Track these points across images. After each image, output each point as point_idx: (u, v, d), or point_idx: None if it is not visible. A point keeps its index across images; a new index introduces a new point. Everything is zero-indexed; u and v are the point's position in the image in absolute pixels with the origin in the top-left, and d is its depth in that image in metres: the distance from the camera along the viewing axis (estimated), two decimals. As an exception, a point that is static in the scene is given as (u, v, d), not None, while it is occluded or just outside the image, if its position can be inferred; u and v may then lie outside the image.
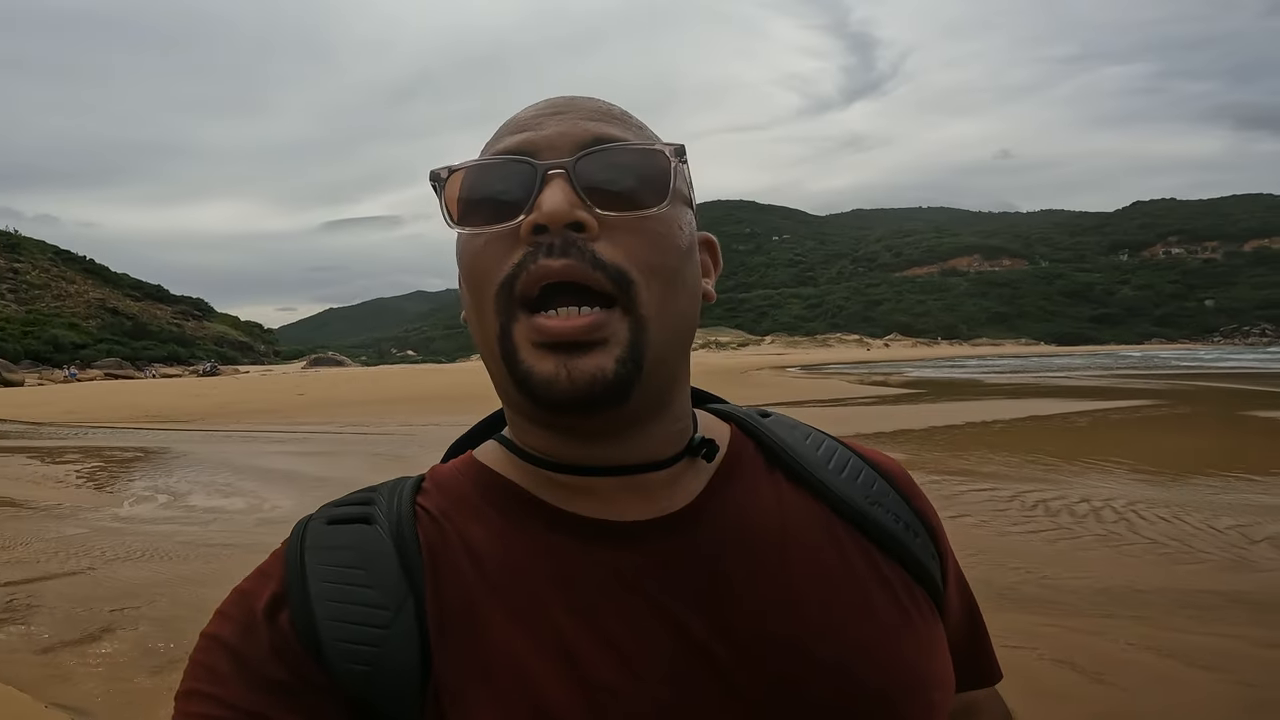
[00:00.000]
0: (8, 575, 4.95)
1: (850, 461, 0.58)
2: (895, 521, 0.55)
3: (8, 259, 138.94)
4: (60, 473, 9.71)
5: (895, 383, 27.25)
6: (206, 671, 0.45)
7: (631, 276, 0.45)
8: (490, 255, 0.47)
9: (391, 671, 0.44)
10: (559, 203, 0.44)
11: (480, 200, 0.48)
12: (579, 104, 0.51)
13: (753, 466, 0.55)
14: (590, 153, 0.47)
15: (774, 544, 0.51)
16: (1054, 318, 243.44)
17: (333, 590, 0.45)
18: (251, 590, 0.48)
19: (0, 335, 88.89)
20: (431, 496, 0.52)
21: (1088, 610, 3.92)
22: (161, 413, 19.89)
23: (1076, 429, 11.92)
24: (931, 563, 0.57)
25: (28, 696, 3.08)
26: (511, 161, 0.47)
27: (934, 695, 0.51)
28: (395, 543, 0.48)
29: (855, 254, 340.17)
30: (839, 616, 0.49)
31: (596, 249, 0.45)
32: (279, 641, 0.45)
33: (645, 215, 0.47)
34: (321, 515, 0.50)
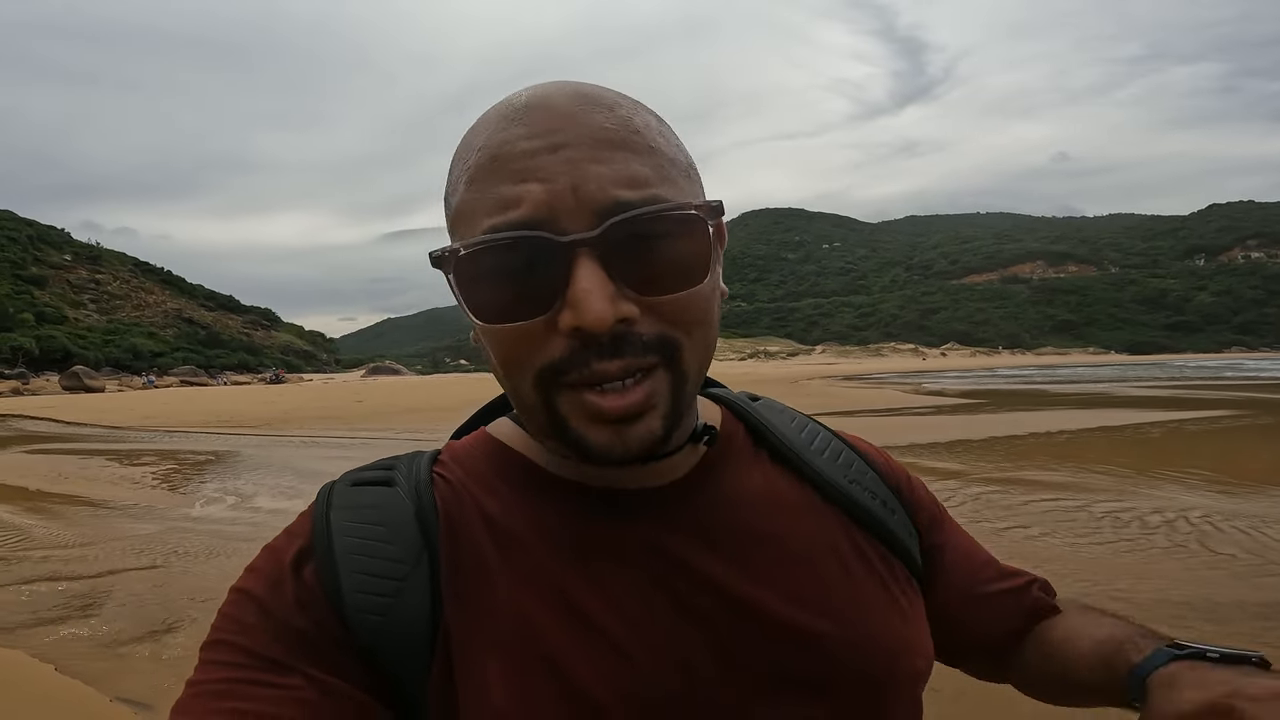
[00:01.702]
0: (83, 571, 5.22)
1: (831, 444, 0.61)
2: (873, 499, 0.58)
3: (90, 270, 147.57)
4: (137, 474, 10.21)
5: (953, 393, 26.45)
6: (233, 622, 0.46)
7: (677, 341, 0.45)
8: (525, 345, 0.44)
9: (403, 622, 0.46)
10: (600, 306, 0.41)
11: (498, 285, 0.44)
12: (578, 123, 0.44)
13: (742, 447, 0.58)
14: (617, 222, 0.42)
15: (758, 517, 0.54)
16: (1125, 326, 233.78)
17: (355, 544, 0.48)
18: (280, 547, 0.50)
19: (83, 344, 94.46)
20: (448, 467, 0.55)
21: (1162, 623, 3.70)
22: (232, 418, 20.77)
23: (1149, 440, 11.36)
24: (910, 539, 0.59)
25: (94, 690, 3.22)
26: (525, 239, 0.42)
27: (916, 661, 0.54)
28: (414, 504, 0.50)
29: (909, 261, 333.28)
30: (822, 585, 0.52)
31: (642, 333, 0.43)
32: (303, 593, 0.47)
33: (690, 292, 0.45)
34: (346, 479, 0.53)
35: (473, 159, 0.46)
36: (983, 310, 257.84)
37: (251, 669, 0.44)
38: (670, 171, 0.46)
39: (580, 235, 0.42)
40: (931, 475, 8.19)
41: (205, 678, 0.44)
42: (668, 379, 0.45)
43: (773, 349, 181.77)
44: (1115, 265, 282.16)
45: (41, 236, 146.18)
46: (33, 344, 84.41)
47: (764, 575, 0.51)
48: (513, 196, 0.43)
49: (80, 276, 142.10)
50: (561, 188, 0.42)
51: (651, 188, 0.43)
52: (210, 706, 0.43)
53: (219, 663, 0.45)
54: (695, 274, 0.44)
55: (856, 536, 0.56)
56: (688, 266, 0.44)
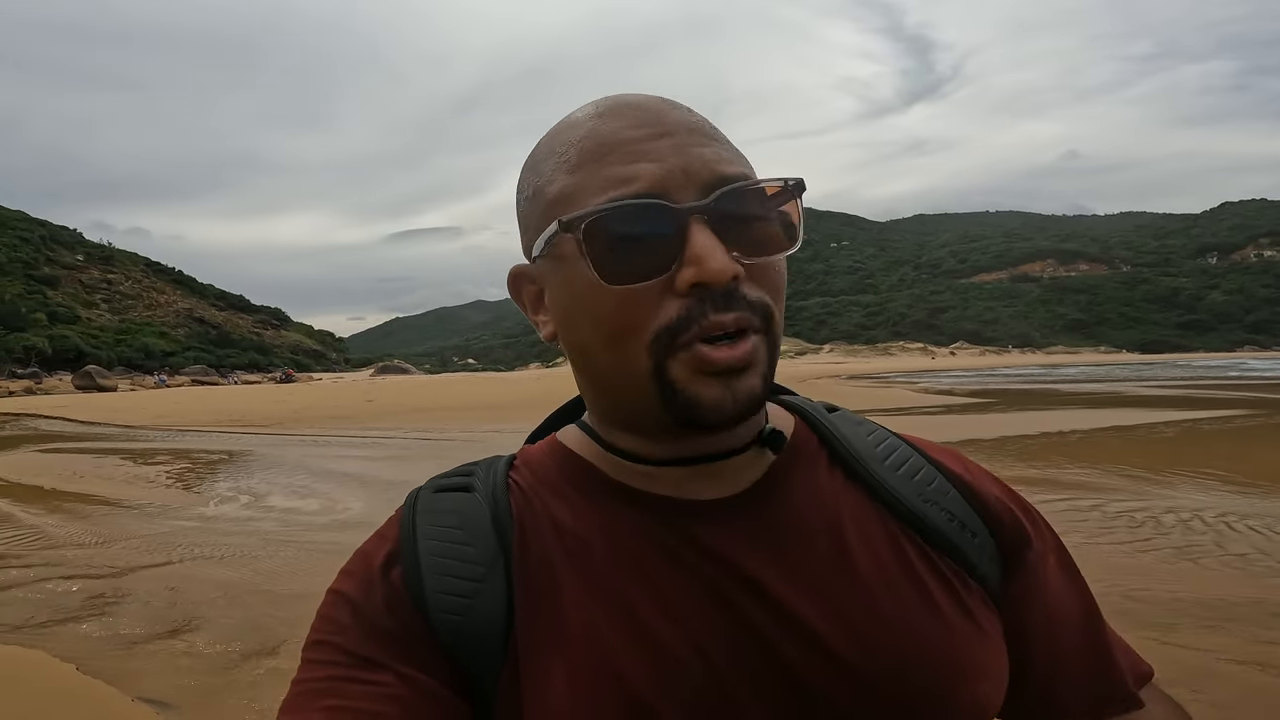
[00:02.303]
0: (101, 570, 5.27)
1: (910, 459, 0.59)
2: (949, 520, 0.56)
3: (102, 270, 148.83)
4: (151, 473, 10.31)
5: (962, 392, 26.32)
6: (330, 623, 0.50)
7: (772, 309, 0.50)
8: (640, 305, 0.48)
9: (480, 622, 0.49)
10: (720, 260, 0.46)
11: (621, 248, 0.47)
12: (670, 117, 0.50)
13: (813, 458, 0.58)
14: (725, 194, 0.47)
15: (824, 532, 0.53)
16: (1137, 325, 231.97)
17: (437, 547, 0.51)
18: (371, 550, 0.53)
19: (96, 343, 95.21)
20: (522, 473, 0.57)
21: (1177, 623, 3.73)
22: (244, 417, 20.91)
23: (1163, 439, 11.28)
24: (989, 564, 0.56)
25: (115, 690, 3.25)
26: (649, 206, 0.47)
27: (982, 686, 0.52)
28: (491, 509, 0.53)
29: (918, 260, 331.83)
30: (884, 604, 0.51)
31: (748, 293, 0.48)
32: (391, 595, 0.50)
33: (781, 256, 0.51)
34: (430, 485, 0.56)
35: (574, 150, 0.50)
36: (992, 309, 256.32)
37: (348, 667, 0.47)
38: (742, 159, 0.52)
39: (694, 204, 0.47)
40: (943, 475, 8.16)
41: (307, 676, 0.48)
42: (765, 342, 0.49)
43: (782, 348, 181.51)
44: (1127, 264, 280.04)
45: (54, 237, 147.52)
46: (46, 344, 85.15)
47: (827, 596, 0.51)
48: (629, 174, 0.48)
49: (93, 277, 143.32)
50: (672, 166, 0.48)
51: (741, 167, 0.50)
52: (312, 704, 0.46)
53: (319, 661, 0.49)
54: (788, 239, 0.50)
55: (929, 555, 0.55)
56: (782, 233, 0.50)
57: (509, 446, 0.65)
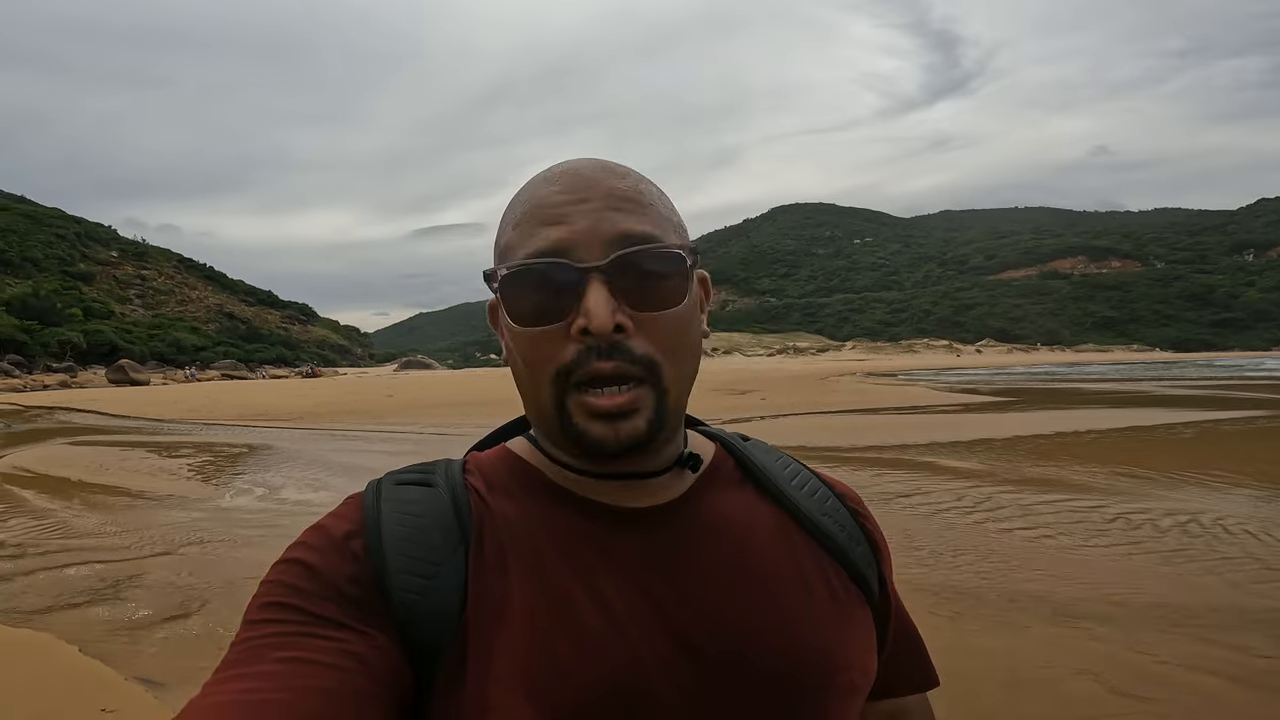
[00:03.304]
0: (114, 558, 5.48)
1: (810, 481, 0.71)
2: (840, 531, 0.67)
3: (136, 267, 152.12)
4: (174, 466, 10.58)
5: (985, 390, 26.00)
6: (282, 587, 0.53)
7: (658, 361, 0.56)
8: (545, 346, 0.57)
9: (436, 602, 0.54)
10: (603, 314, 0.54)
11: (531, 298, 0.57)
12: (599, 186, 0.58)
13: (728, 478, 0.68)
14: (621, 256, 0.55)
15: (736, 536, 0.62)
16: (1171, 322, 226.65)
17: (402, 531, 0.57)
18: (329, 526, 0.58)
19: (129, 338, 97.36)
20: (475, 475, 0.64)
21: (1154, 628, 3.72)
22: (268, 412, 21.33)
23: (1180, 440, 11.07)
24: (868, 570, 0.67)
25: (111, 670, 3.41)
26: (553, 265, 0.56)
27: (854, 675, 0.61)
28: (452, 503, 0.60)
29: (944, 257, 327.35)
30: (785, 599, 0.60)
31: (633, 345, 0.55)
32: (352, 564, 0.54)
33: (671, 312, 0.57)
34: (390, 479, 0.62)
35: (519, 210, 0.60)
36: (1020, 306, 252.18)
37: (305, 624, 0.50)
38: (664, 225, 0.59)
39: (593, 263, 0.55)
40: (947, 475, 8.15)
41: (256, 634, 0.50)
42: (652, 393, 0.56)
43: (802, 344, 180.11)
44: (1160, 261, 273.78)
45: (89, 234, 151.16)
46: (80, 338, 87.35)
47: (737, 591, 0.59)
48: (545, 235, 0.57)
49: (127, 273, 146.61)
50: (581, 229, 0.56)
51: (647, 231, 0.57)
52: (267, 656, 0.48)
53: (270, 620, 0.51)
54: (675, 297, 0.57)
55: (822, 560, 0.64)
56: (670, 291, 0.57)
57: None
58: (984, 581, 4.49)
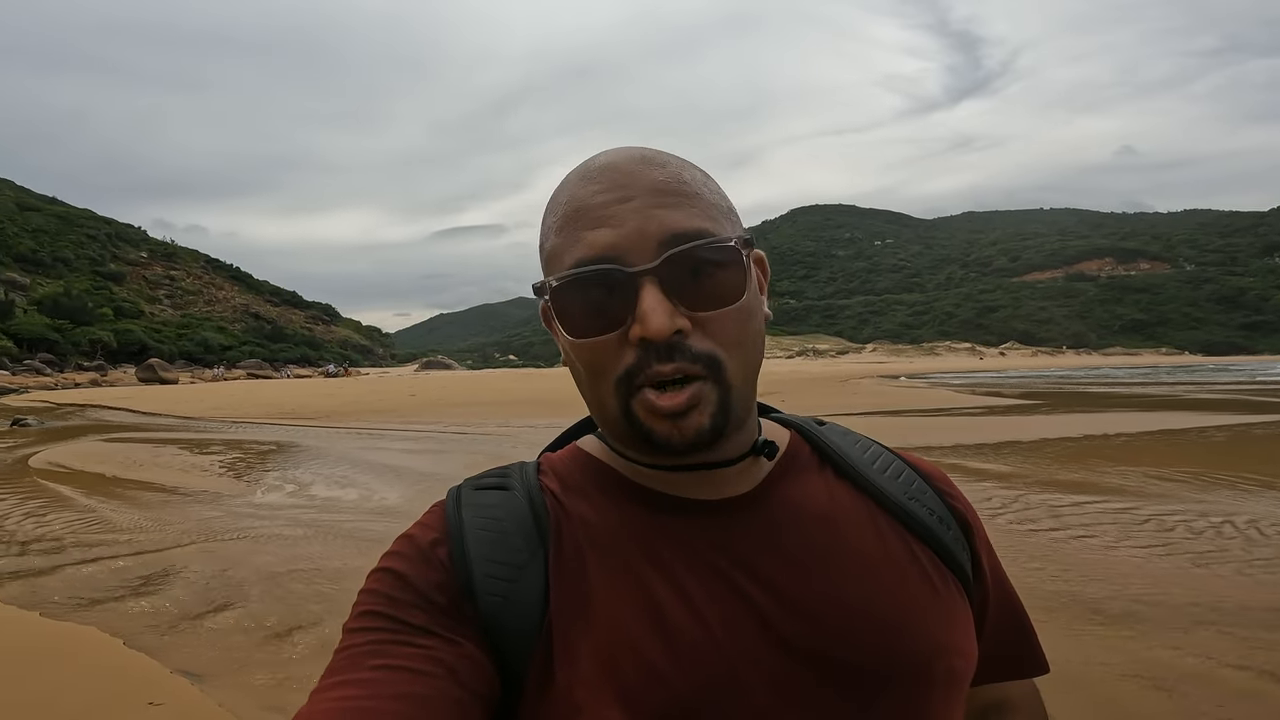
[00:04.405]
0: (151, 553, 5.60)
1: (893, 464, 0.68)
2: (930, 515, 0.65)
3: (165, 267, 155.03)
4: (205, 462, 10.78)
5: (1009, 393, 25.65)
6: (377, 596, 0.54)
7: (720, 358, 0.55)
8: (605, 355, 0.55)
9: (520, 605, 0.54)
10: (660, 320, 0.52)
11: (584, 307, 0.55)
12: (639, 179, 0.56)
13: (807, 464, 0.66)
14: (673, 255, 0.53)
15: (821, 523, 0.61)
16: (1201, 325, 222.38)
17: (483, 536, 0.57)
18: (417, 535, 0.58)
19: (158, 337, 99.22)
20: (549, 476, 0.64)
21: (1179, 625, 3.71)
22: (294, 410, 21.63)
23: (1212, 443, 10.88)
24: (961, 553, 0.65)
25: (156, 663, 3.47)
26: (603, 271, 0.54)
27: (955, 661, 0.59)
28: (529, 505, 0.60)
29: (967, 259, 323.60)
30: (877, 587, 0.58)
31: (693, 345, 0.54)
32: (440, 572, 0.55)
33: (729, 309, 0.55)
34: (469, 484, 0.63)
35: (560, 212, 0.58)
36: (1045, 309, 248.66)
37: (397, 632, 0.51)
38: (713, 213, 0.57)
39: (644, 266, 0.53)
40: (974, 476, 8.07)
41: (352, 643, 0.51)
42: (715, 388, 0.55)
43: (822, 347, 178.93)
44: (1191, 263, 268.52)
45: (120, 234, 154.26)
46: (111, 337, 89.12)
47: (824, 578, 0.58)
48: (592, 239, 0.55)
49: (156, 273, 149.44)
50: (629, 230, 0.54)
51: (698, 225, 0.55)
52: (360, 665, 0.50)
53: (366, 629, 0.52)
54: (733, 294, 0.55)
55: (913, 545, 0.62)
56: (728, 287, 0.55)
57: (542, 441, 0.73)
58: (1015, 582, 4.37)
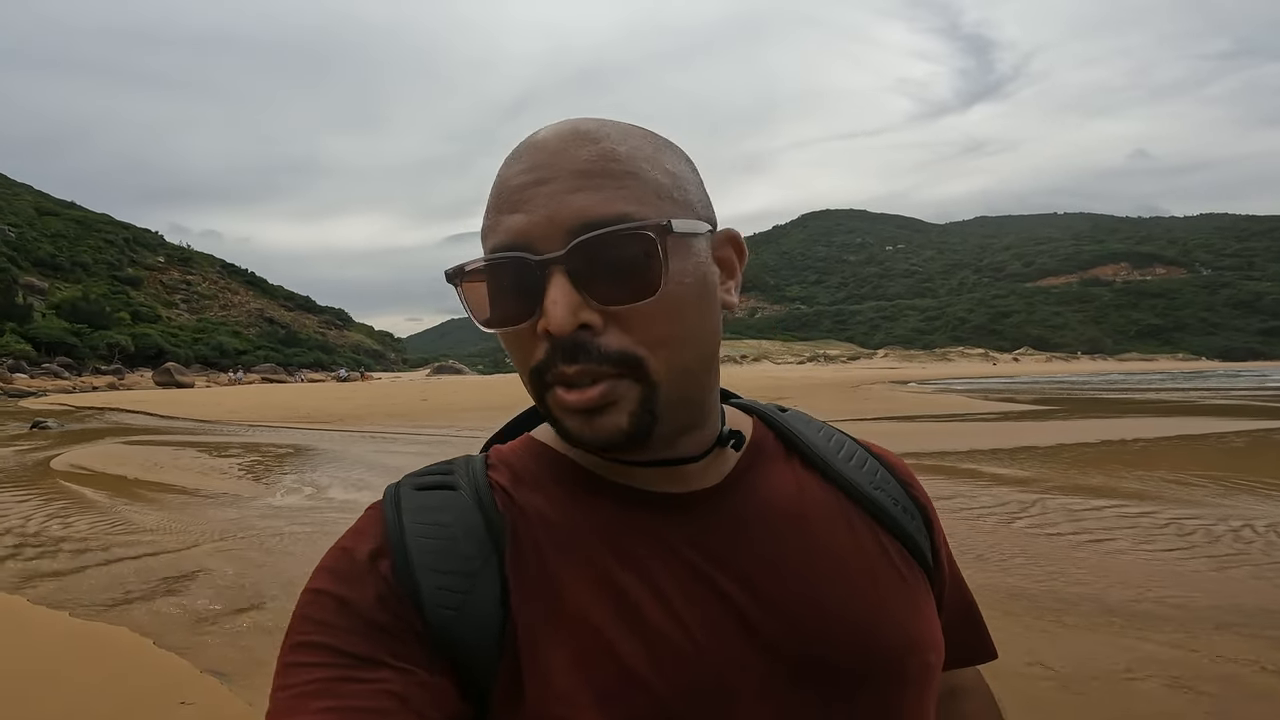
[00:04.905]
0: (175, 554, 5.68)
1: (857, 453, 0.66)
2: (894, 504, 0.63)
3: (181, 272, 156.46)
4: (224, 465, 10.91)
5: (1023, 399, 25.49)
6: (313, 623, 0.48)
7: (639, 355, 0.49)
8: (519, 345, 0.52)
9: (476, 616, 0.49)
10: (561, 315, 0.47)
11: (497, 298, 0.52)
12: (562, 159, 0.50)
13: (773, 453, 0.62)
14: (581, 244, 0.48)
15: (792, 518, 0.58)
16: (1218, 330, 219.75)
17: (429, 543, 0.51)
18: (351, 546, 0.52)
19: (175, 341, 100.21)
20: (499, 470, 0.58)
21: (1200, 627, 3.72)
22: (309, 414, 21.80)
23: (1231, 449, 10.78)
24: (924, 541, 0.64)
25: (185, 662, 3.53)
26: (510, 260, 0.49)
27: (930, 656, 0.57)
28: (478, 505, 0.54)
29: (979, 264, 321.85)
30: (850, 581, 0.56)
31: (603, 343, 0.49)
32: (382, 588, 0.49)
33: (646, 303, 0.49)
34: (409, 483, 0.56)
35: (492, 194, 0.54)
36: (1060, 314, 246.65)
37: (340, 667, 0.46)
38: (645, 195, 0.50)
39: (551, 255, 0.48)
40: (990, 481, 8.05)
41: (295, 680, 0.46)
42: (636, 388, 0.50)
43: (833, 352, 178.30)
44: (1207, 267, 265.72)
45: (137, 239, 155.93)
46: (129, 341, 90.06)
47: (794, 570, 0.55)
48: (507, 224, 0.50)
49: (173, 277, 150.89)
50: (539, 217, 0.49)
51: (617, 210, 0.48)
52: (305, 707, 0.44)
53: (306, 664, 0.46)
54: (648, 287, 0.48)
55: (881, 537, 0.60)
56: (641, 280, 0.48)
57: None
58: (1036, 584, 4.46)
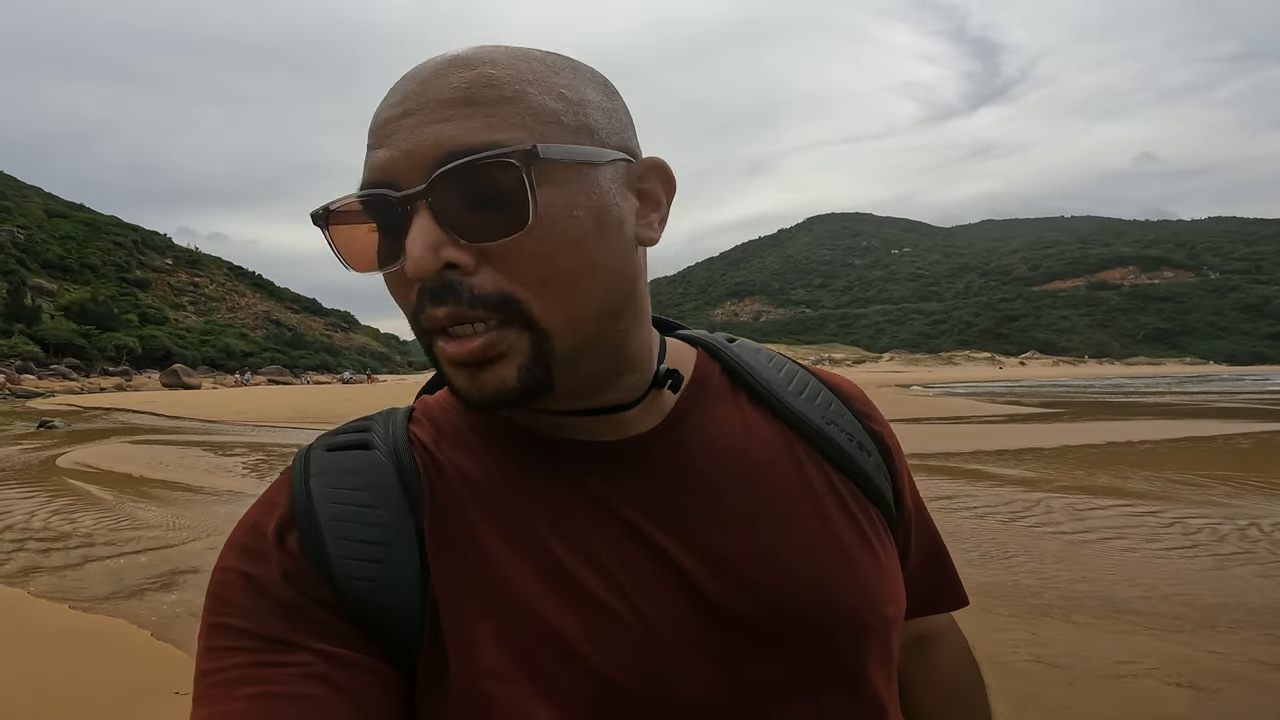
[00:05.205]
0: (177, 549, 5.71)
1: (810, 384, 0.60)
2: (849, 440, 0.57)
3: (189, 274, 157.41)
4: (229, 464, 10.95)
5: (1029, 401, 25.40)
6: (225, 604, 0.45)
7: (518, 298, 0.44)
8: (395, 289, 0.47)
9: (392, 586, 0.45)
10: (419, 252, 0.42)
11: (366, 239, 0.47)
12: (432, 88, 0.45)
13: (718, 389, 0.57)
14: (441, 175, 0.42)
15: (737, 462, 0.53)
16: (1226, 335, 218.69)
17: (338, 510, 0.47)
18: (260, 519, 0.48)
19: (182, 343, 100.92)
20: (422, 425, 0.54)
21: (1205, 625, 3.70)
22: (315, 414, 21.89)
23: (1237, 450, 10.71)
24: (884, 482, 0.59)
25: (183, 654, 3.54)
26: (374, 198, 0.45)
27: (888, 609, 0.53)
28: (394, 465, 0.50)
29: (986, 267, 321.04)
30: (801, 531, 0.51)
31: (474, 284, 0.44)
32: (289, 564, 0.46)
33: (517, 238, 0.43)
34: (321, 444, 0.52)
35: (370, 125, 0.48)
36: (1067, 318, 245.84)
37: (257, 651, 0.43)
38: (527, 120, 0.44)
39: (410, 190, 0.43)
40: (995, 481, 8.03)
41: (215, 666, 0.44)
42: (525, 337, 0.45)
43: (838, 355, 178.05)
44: (1215, 271, 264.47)
45: (145, 241, 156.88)
46: (136, 343, 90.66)
47: (741, 523, 0.51)
48: (370, 160, 0.45)
49: (180, 280, 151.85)
50: (399, 151, 0.44)
51: (483, 139, 0.43)
52: (230, 694, 0.42)
53: (224, 649, 0.44)
54: (517, 220, 0.43)
55: (833, 478, 0.55)
56: (509, 214, 0.43)
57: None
58: (1039, 582, 4.44)
